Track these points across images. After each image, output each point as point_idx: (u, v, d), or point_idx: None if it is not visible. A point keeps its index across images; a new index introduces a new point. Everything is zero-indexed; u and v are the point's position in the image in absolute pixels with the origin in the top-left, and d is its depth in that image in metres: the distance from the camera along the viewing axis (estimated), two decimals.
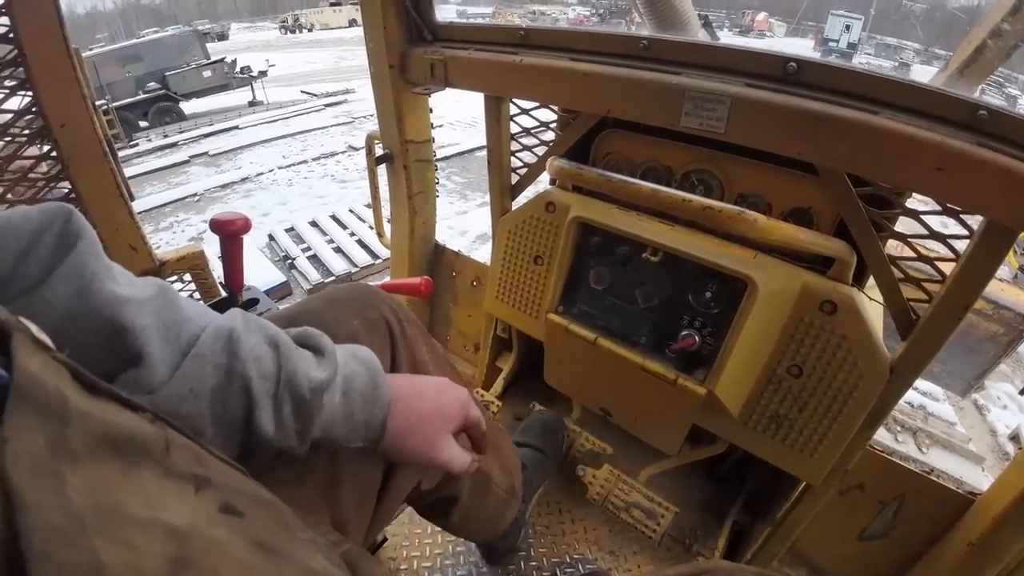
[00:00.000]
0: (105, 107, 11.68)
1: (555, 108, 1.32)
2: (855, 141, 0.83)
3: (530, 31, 1.18)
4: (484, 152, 1.40)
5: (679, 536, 1.32)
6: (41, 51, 1.14)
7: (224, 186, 8.59)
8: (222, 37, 48.21)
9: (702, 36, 1.79)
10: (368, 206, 6.79)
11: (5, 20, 1.11)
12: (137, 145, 11.81)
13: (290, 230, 6.50)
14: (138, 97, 13.65)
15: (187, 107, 14.53)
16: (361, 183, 8.27)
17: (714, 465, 1.43)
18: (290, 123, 12.38)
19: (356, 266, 5.45)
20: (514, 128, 1.38)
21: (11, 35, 1.13)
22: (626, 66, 1.04)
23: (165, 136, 12.25)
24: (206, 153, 10.49)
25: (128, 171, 9.48)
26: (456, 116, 11.38)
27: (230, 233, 0.87)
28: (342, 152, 9.93)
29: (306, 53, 25.94)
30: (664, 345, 1.06)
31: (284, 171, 9.25)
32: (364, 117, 12.54)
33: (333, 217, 6.71)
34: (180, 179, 9.23)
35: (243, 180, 8.83)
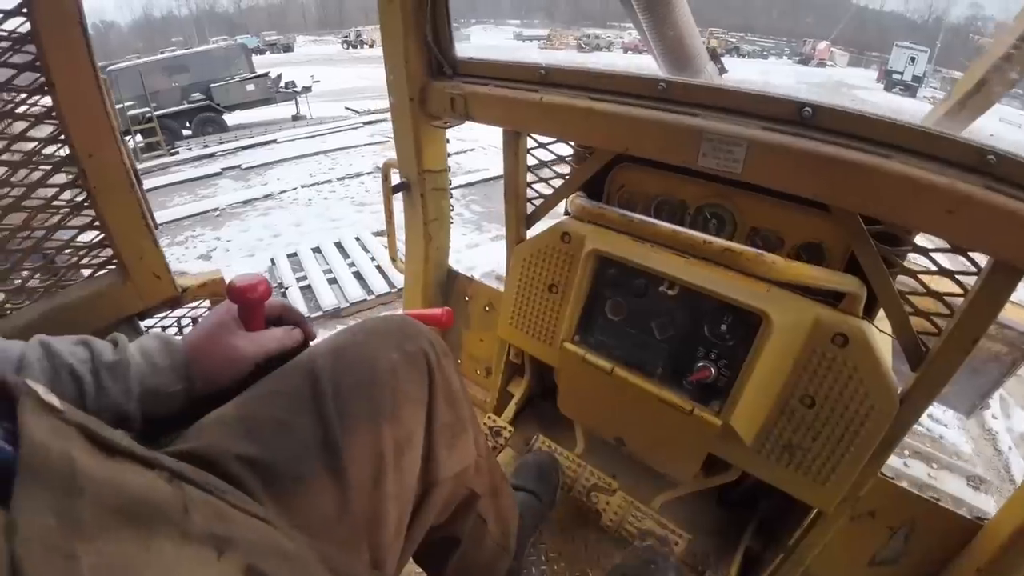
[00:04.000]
0: (149, 115, 11.92)
1: (571, 143, 1.35)
2: (867, 184, 0.86)
3: (550, 70, 1.22)
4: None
5: (692, 562, 1.33)
6: (69, 80, 1.15)
7: (246, 202, 8.54)
8: (287, 49, 48.97)
9: (710, 69, 1.83)
10: (376, 234, 6.72)
11: (32, 48, 1.13)
12: (177, 153, 11.95)
13: (292, 255, 6.39)
14: (183, 107, 13.93)
15: (230, 119, 14.78)
16: (379, 206, 8.13)
17: (726, 491, 1.44)
18: (327, 139, 12.32)
19: (348, 301, 5.31)
20: (530, 160, 1.41)
21: (37, 63, 1.14)
22: (645, 107, 1.07)
23: (205, 146, 12.38)
24: (239, 166, 10.47)
25: (163, 180, 9.67)
26: (490, 140, 11.12)
27: (249, 302, 0.76)
28: (368, 173, 9.84)
29: (362, 68, 26.09)
30: (680, 376, 1.09)
31: (307, 190, 9.18)
32: None
33: (338, 245, 6.60)
34: (208, 191, 9.22)
35: (265, 197, 8.79)
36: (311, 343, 0.83)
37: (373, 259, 6.22)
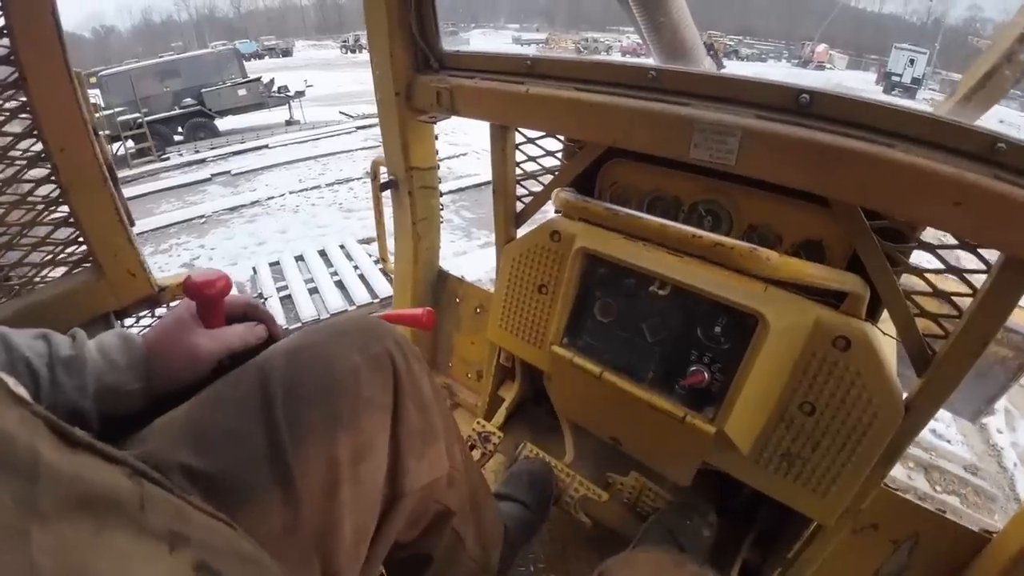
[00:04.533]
0: (140, 120, 11.89)
1: (560, 137, 1.30)
2: (870, 174, 0.81)
3: (536, 60, 1.18)
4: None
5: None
6: (42, 74, 1.13)
7: (232, 209, 8.57)
8: (286, 53, 49.62)
9: (707, 65, 1.79)
10: (362, 241, 6.70)
11: (6, 42, 1.10)
12: (168, 159, 12.02)
13: (275, 264, 6.35)
14: (174, 112, 13.96)
15: (223, 124, 14.80)
16: (366, 213, 8.20)
17: (724, 501, 1.39)
18: (319, 144, 12.39)
19: (328, 312, 5.29)
20: (519, 156, 1.37)
21: (12, 57, 1.11)
22: (634, 97, 1.02)
23: (196, 151, 12.45)
24: (228, 172, 10.52)
25: (151, 186, 9.70)
26: (483, 144, 11.22)
27: (207, 298, 0.73)
28: (358, 178, 9.86)
29: (359, 73, 26.10)
30: (672, 380, 1.03)
31: (295, 196, 9.21)
32: None
33: (322, 253, 6.57)
34: (196, 198, 9.26)
35: (253, 203, 8.81)
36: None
37: (356, 268, 6.21)
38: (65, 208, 1.28)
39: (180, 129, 14.07)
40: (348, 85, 22.50)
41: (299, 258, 6.50)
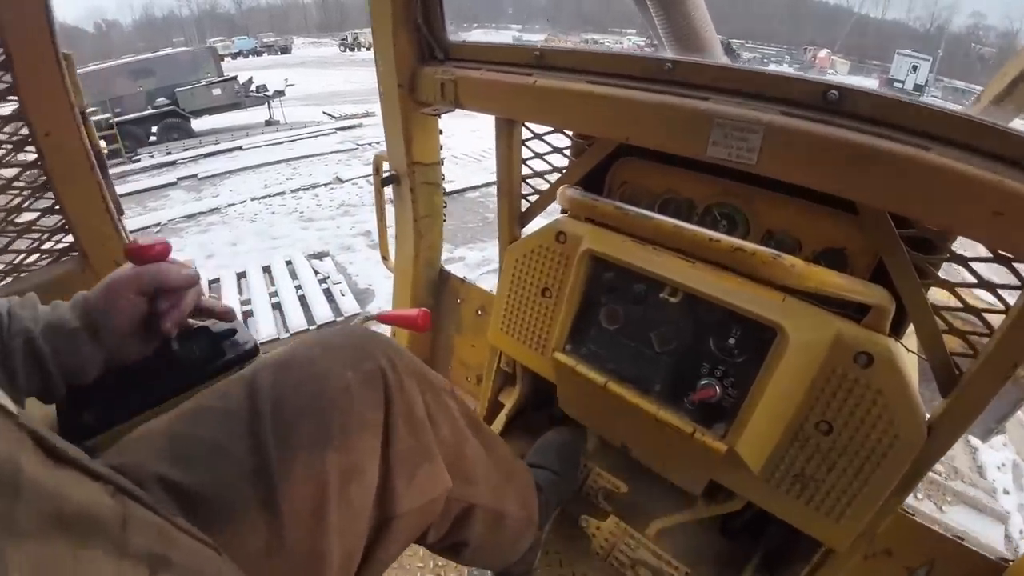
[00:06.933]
0: (110, 120, 11.71)
1: (569, 133, 1.25)
2: (903, 178, 0.75)
3: (546, 51, 1.12)
4: (475, 194, 1.35)
5: None
6: (28, 56, 1.09)
7: (190, 216, 8.36)
8: (285, 50, 50.11)
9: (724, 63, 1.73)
10: (312, 257, 6.55)
11: None
12: (139, 160, 11.83)
13: (214, 282, 6.08)
14: (147, 112, 13.71)
15: (200, 124, 14.58)
16: (326, 223, 8.05)
17: (729, 519, 1.33)
18: (294, 147, 12.21)
19: (261, 338, 4.94)
20: (525, 153, 1.32)
21: None
22: (649, 90, 0.97)
23: (168, 153, 12.29)
24: (195, 176, 10.31)
25: (117, 190, 9.47)
26: (465, 149, 11.09)
27: (146, 260, 0.75)
28: (325, 184, 9.67)
29: (351, 72, 26.01)
30: (681, 394, 0.97)
31: (256, 203, 8.98)
32: (370, 144, 12.29)
33: (266, 269, 6.33)
34: (158, 203, 9.08)
35: (211, 211, 8.60)
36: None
37: (299, 288, 5.97)
38: (51, 195, 1.24)
39: (154, 130, 13.87)
40: (338, 84, 22.44)
41: (241, 275, 6.22)
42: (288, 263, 6.47)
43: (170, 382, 0.76)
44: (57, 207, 1.24)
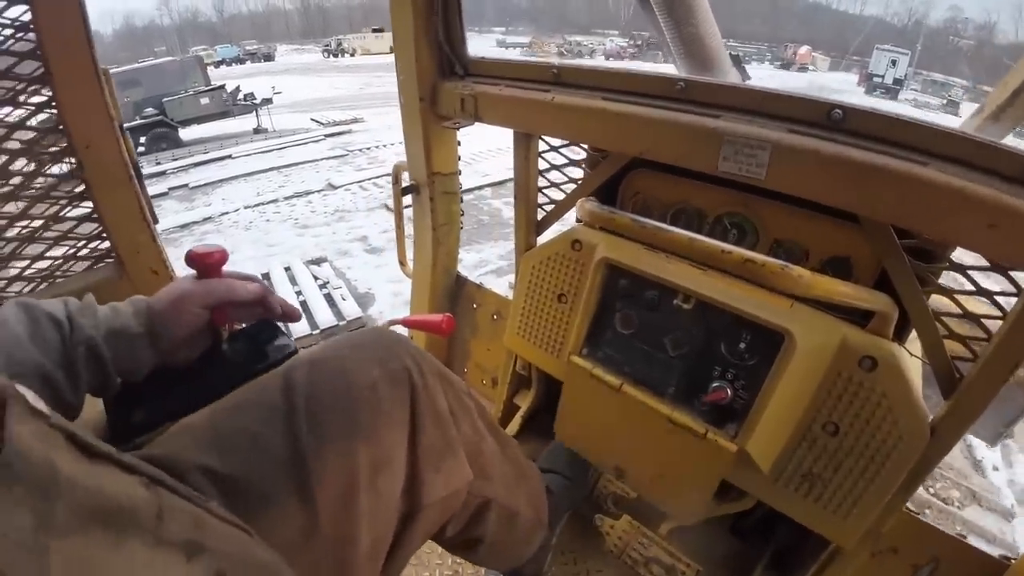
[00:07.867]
0: None
1: (584, 146, 1.29)
2: (903, 193, 0.79)
3: (563, 69, 1.17)
4: (469, 196, 1.39)
5: None
6: (67, 70, 1.14)
7: (183, 226, 8.30)
8: (268, 58, 50.06)
9: (733, 75, 1.77)
10: (310, 263, 6.54)
11: (32, 36, 1.12)
12: None
13: None
14: (135, 123, 13.40)
15: (186, 134, 14.34)
16: (321, 229, 7.97)
17: (739, 518, 1.37)
18: (284, 154, 12.05)
19: None
20: (541, 164, 1.36)
21: (38, 52, 1.13)
22: (662, 107, 1.01)
23: (157, 163, 12.01)
24: (186, 186, 10.18)
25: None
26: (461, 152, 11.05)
27: (206, 266, 0.78)
28: (318, 191, 9.55)
29: (336, 78, 25.98)
30: (693, 397, 1.02)
31: (250, 211, 8.88)
32: (360, 150, 12.15)
33: (265, 276, 6.24)
34: None
35: (205, 220, 8.54)
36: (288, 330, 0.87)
37: (299, 294, 5.94)
38: (89, 204, 1.29)
39: (142, 140, 13.58)
40: (324, 91, 22.25)
41: None
42: (287, 269, 6.47)
43: (218, 383, 0.80)
44: (95, 216, 1.29)
